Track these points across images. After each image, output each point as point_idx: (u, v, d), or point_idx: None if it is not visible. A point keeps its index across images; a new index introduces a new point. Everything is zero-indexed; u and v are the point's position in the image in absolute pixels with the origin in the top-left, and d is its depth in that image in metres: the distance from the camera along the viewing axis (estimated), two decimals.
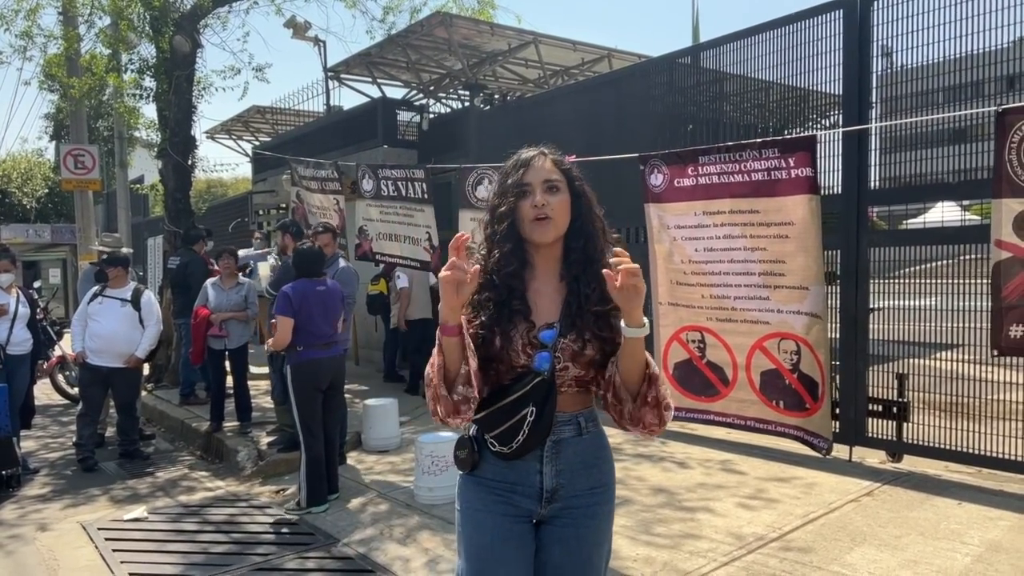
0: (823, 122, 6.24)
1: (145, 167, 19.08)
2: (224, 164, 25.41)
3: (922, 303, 5.16)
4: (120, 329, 6.14)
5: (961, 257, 4.97)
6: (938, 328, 4.99)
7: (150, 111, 17.40)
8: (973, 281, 4.72)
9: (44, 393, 8.56)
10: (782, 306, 5.03)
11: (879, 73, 5.25)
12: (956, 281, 4.88)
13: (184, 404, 7.82)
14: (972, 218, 5.35)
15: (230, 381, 6.82)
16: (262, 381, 7.82)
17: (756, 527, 4.07)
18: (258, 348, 8.71)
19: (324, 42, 12.07)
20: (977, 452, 4.70)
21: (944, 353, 5.02)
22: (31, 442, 6.99)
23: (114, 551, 4.31)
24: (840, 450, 5.13)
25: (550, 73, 11.20)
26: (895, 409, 5.08)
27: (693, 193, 5.36)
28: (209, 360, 6.70)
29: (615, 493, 2.00)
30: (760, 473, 5.00)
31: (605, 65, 10.71)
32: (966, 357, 4.88)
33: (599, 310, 1.83)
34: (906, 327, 5.18)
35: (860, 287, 5.20)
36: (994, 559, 3.59)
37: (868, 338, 5.23)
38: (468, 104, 11.09)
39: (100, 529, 4.69)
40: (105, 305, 6.18)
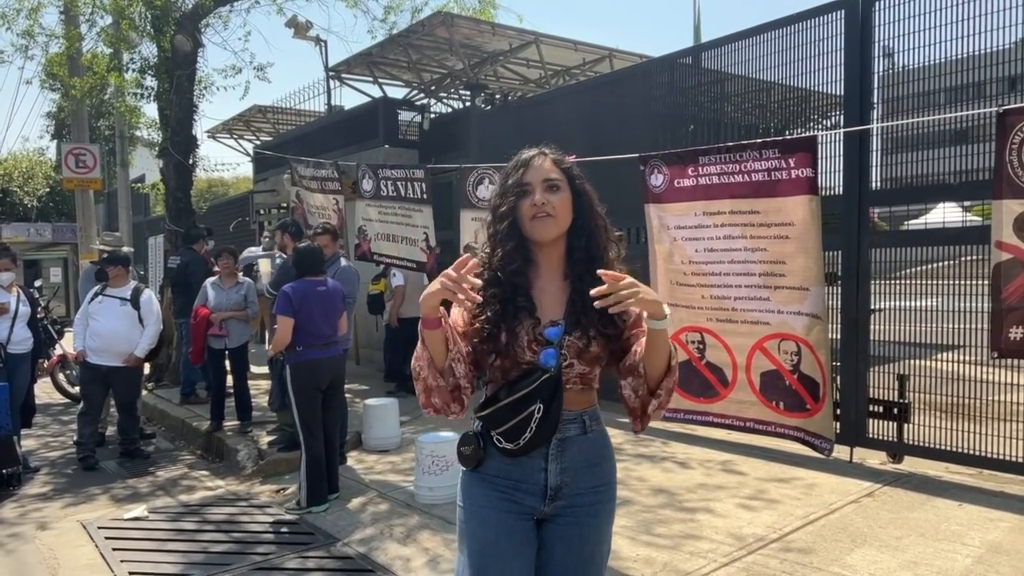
0: (824, 123, 6.22)
1: (146, 166, 19.10)
2: (225, 163, 25.54)
3: (923, 304, 5.15)
4: (120, 328, 6.14)
5: (962, 258, 4.96)
6: (939, 329, 4.99)
7: (151, 110, 17.29)
8: (974, 282, 4.72)
9: (45, 392, 8.55)
10: (782, 307, 5.02)
11: (880, 74, 5.26)
12: (957, 282, 4.88)
13: (184, 403, 7.82)
14: (973, 219, 5.34)
15: (230, 380, 6.83)
16: (262, 381, 7.82)
17: (756, 528, 4.07)
18: (258, 348, 8.71)
19: (325, 42, 12.07)
20: (978, 453, 4.69)
21: (945, 354, 5.01)
22: (32, 441, 6.99)
23: (114, 550, 4.31)
24: (840, 451, 5.13)
25: (551, 73, 11.20)
26: (896, 410, 5.08)
27: (693, 193, 5.36)
28: (209, 359, 6.70)
29: (616, 492, 2.00)
30: (760, 474, 5.00)
31: (606, 65, 10.69)
32: (967, 358, 4.87)
33: (603, 307, 1.83)
34: (907, 328, 5.17)
35: (861, 288, 5.20)
36: (995, 560, 3.59)
37: (869, 339, 5.23)
38: (469, 104, 11.08)
39: (100, 528, 4.69)
40: (105, 304, 6.18)
